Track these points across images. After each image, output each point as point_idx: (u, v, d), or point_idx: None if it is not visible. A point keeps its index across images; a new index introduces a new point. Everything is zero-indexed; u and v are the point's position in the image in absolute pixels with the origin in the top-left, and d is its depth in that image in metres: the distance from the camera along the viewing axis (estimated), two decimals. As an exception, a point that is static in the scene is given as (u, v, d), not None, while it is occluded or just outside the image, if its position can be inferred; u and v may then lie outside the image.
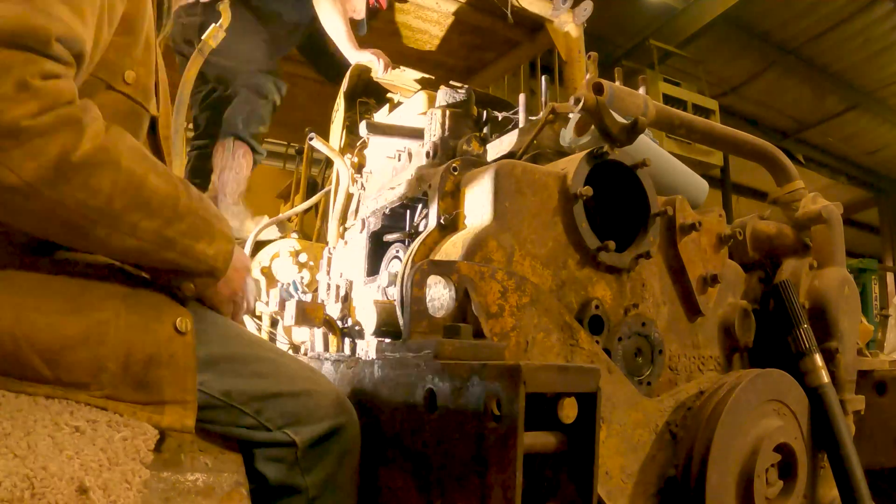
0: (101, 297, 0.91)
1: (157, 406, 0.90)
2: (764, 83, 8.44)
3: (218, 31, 2.03)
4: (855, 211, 11.54)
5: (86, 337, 0.88)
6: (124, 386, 0.89)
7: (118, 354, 0.89)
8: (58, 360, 0.86)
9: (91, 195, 0.83)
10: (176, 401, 0.91)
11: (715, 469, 1.27)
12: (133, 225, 0.88)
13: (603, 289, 1.39)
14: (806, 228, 1.75)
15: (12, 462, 0.78)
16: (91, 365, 0.88)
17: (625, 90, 1.46)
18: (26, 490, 0.76)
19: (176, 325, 0.93)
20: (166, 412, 0.91)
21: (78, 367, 0.87)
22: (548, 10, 3.23)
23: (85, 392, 0.88)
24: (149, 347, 0.91)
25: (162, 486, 0.88)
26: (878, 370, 1.86)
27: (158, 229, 0.90)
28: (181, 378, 0.92)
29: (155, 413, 0.90)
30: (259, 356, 1.02)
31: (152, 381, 0.90)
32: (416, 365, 1.01)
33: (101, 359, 0.88)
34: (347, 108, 2.80)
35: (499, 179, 1.30)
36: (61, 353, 0.86)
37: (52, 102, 0.80)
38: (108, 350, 0.88)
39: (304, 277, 2.57)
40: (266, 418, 0.98)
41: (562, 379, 0.88)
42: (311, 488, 1.00)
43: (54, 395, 0.87)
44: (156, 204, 0.90)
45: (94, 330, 0.88)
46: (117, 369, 0.89)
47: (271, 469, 0.99)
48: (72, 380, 0.87)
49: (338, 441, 1.02)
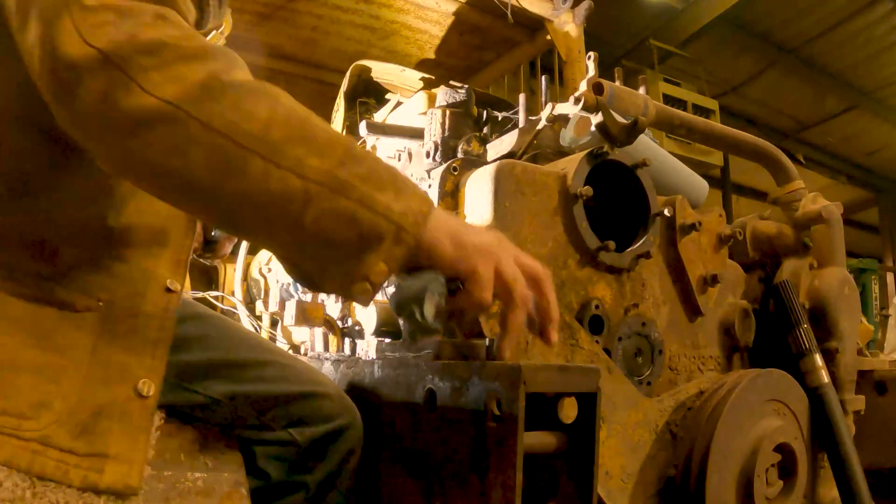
0: (69, 343, 0.79)
1: (96, 460, 0.76)
2: (764, 83, 8.43)
3: (219, 38, 2.04)
4: (855, 211, 11.53)
5: (39, 369, 0.77)
6: (64, 431, 0.75)
7: (68, 396, 0.77)
8: (1, 379, 0.74)
9: (244, 118, 0.68)
10: (121, 458, 0.78)
11: (715, 469, 1.27)
12: (298, 160, 0.69)
13: (603, 289, 1.39)
14: (806, 228, 1.74)
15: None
16: (35, 396, 0.75)
17: (625, 90, 1.46)
18: (27, 490, 0.76)
19: (137, 388, 0.81)
20: (107, 470, 0.76)
21: (19, 393, 0.75)
22: (548, 10, 3.23)
23: (17, 426, 0.73)
24: (101, 399, 0.79)
25: (162, 485, 0.88)
26: (878, 370, 1.86)
27: (330, 169, 0.71)
28: (132, 436, 0.80)
29: (92, 470, 0.76)
30: (263, 360, 1.02)
31: (99, 432, 0.77)
32: (416, 365, 1.01)
33: (48, 394, 0.76)
34: (347, 108, 2.80)
35: (499, 179, 1.30)
36: (4, 373, 0.75)
37: (191, 33, 0.71)
38: (58, 389, 0.77)
39: (304, 277, 2.56)
40: (270, 419, 0.98)
41: (562, 379, 0.88)
42: (312, 486, 1.00)
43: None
44: (323, 141, 0.72)
45: (50, 368, 0.77)
46: (62, 409, 0.76)
47: (273, 467, 1.00)
48: (6, 408, 0.74)
49: (341, 441, 1.02)
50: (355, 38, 3.60)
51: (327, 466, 1.01)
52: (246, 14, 3.33)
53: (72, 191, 0.84)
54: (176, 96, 0.66)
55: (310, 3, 3.32)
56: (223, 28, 2.14)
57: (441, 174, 1.42)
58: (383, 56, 3.49)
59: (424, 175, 1.49)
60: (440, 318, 0.78)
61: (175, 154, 0.67)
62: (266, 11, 3.38)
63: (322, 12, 3.39)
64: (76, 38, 0.64)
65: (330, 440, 1.01)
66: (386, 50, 3.64)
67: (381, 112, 2.57)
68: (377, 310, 1.33)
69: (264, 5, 3.33)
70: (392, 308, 0.80)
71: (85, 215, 0.85)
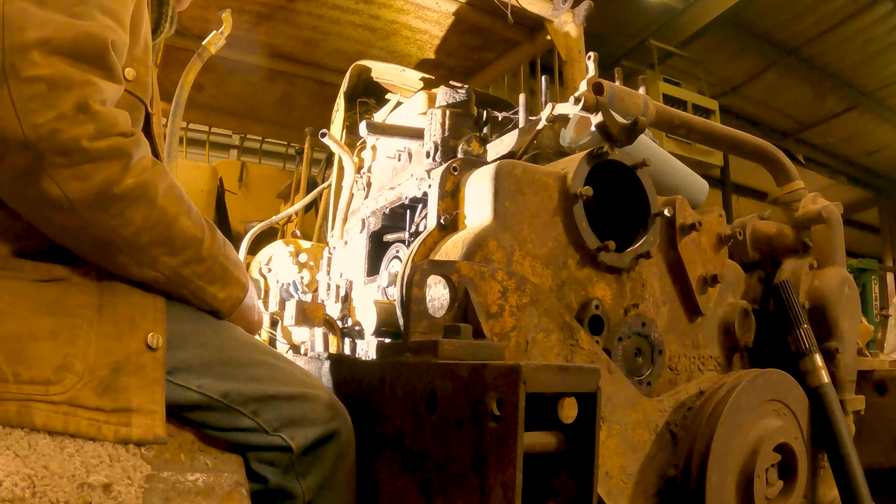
0: (77, 304, 0.90)
1: (122, 414, 0.86)
2: (764, 83, 8.43)
3: (219, 38, 2.04)
4: (855, 211, 11.53)
5: (55, 333, 0.86)
6: (88, 390, 0.85)
7: (86, 355, 0.86)
8: (20, 352, 0.83)
9: (123, 224, 0.88)
10: (144, 410, 0.87)
11: (715, 469, 1.27)
12: (154, 258, 0.92)
13: (603, 289, 1.39)
14: (806, 228, 1.75)
15: (13, 462, 0.78)
16: (56, 360, 0.84)
17: (625, 90, 1.46)
18: (27, 489, 0.76)
19: (147, 341, 0.91)
20: (134, 422, 0.86)
21: (41, 361, 0.84)
22: (548, 10, 3.23)
23: (45, 392, 0.82)
24: (116, 356, 0.88)
25: (162, 485, 0.88)
26: (878, 370, 1.86)
27: (176, 267, 0.95)
28: (149, 388, 0.89)
29: (122, 425, 0.86)
30: (255, 360, 1.03)
31: (119, 388, 0.87)
32: (416, 365, 1.01)
33: (67, 356, 0.85)
34: (347, 109, 2.81)
35: (499, 179, 1.30)
36: (25, 344, 0.84)
37: (107, 129, 0.85)
38: (76, 350, 0.86)
39: (304, 277, 2.57)
40: (264, 420, 0.98)
41: (562, 379, 0.88)
42: (306, 492, 1.00)
43: (8, 396, 0.81)
44: (180, 244, 0.94)
45: (64, 329, 0.87)
46: (83, 369, 0.85)
47: (266, 472, 0.99)
48: (32, 376, 0.83)
49: (333, 445, 1.02)
50: (355, 38, 3.60)
51: (321, 472, 1.01)
52: (246, 14, 3.34)
53: None
54: (74, 196, 0.83)
55: (310, 3, 3.32)
56: (223, 28, 2.15)
57: (441, 174, 1.42)
58: (383, 56, 3.50)
59: (424, 175, 1.49)
60: None
61: (66, 233, 0.89)
62: (266, 11, 3.38)
63: (322, 12, 3.40)
64: (11, 113, 0.79)
65: (322, 444, 1.01)
66: (386, 50, 3.64)
67: (381, 112, 2.57)
68: (377, 310, 1.33)
69: (264, 5, 3.33)
70: None
71: None
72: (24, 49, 0.80)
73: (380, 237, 1.70)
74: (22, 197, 0.86)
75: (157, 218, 0.91)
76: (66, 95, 0.81)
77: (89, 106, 0.83)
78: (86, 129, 0.82)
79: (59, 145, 0.81)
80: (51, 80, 0.81)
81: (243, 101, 4.35)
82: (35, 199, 0.84)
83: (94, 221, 0.86)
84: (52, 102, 0.80)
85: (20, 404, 0.81)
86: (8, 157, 0.81)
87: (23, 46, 0.80)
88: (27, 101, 0.79)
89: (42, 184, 0.82)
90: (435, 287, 1.15)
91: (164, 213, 0.92)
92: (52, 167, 0.81)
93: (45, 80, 0.80)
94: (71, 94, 0.81)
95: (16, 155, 0.81)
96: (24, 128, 0.79)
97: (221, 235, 1.03)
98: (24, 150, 0.80)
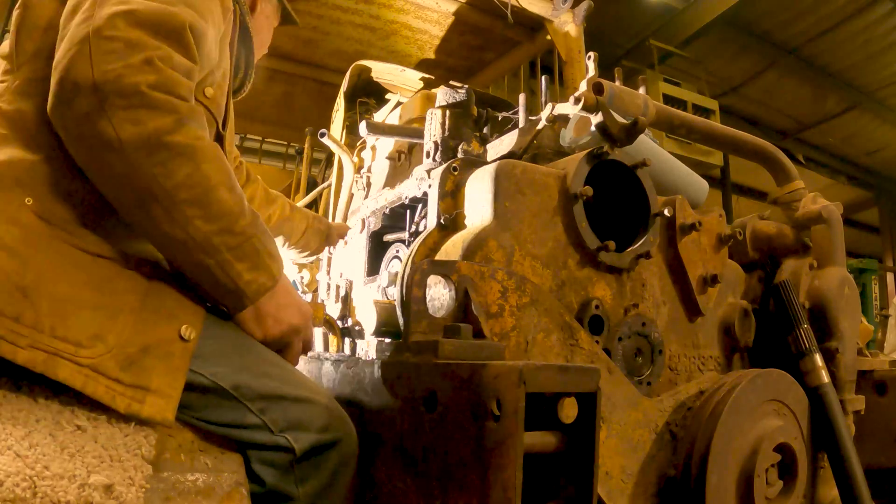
0: (124, 288, 0.95)
1: (138, 391, 0.89)
2: (764, 83, 8.43)
3: None
4: (855, 211, 11.54)
5: (98, 307, 0.91)
6: (114, 361, 0.89)
7: (121, 332, 0.91)
8: (64, 313, 0.88)
9: (164, 174, 0.91)
10: (161, 392, 0.90)
11: (715, 469, 1.27)
12: (188, 219, 0.94)
13: (603, 289, 1.39)
14: (806, 228, 1.75)
15: (14, 462, 0.78)
16: (92, 328, 0.89)
17: (625, 90, 1.46)
18: (28, 490, 0.76)
19: (181, 332, 0.95)
20: (147, 401, 0.89)
21: (80, 326, 0.88)
22: (548, 10, 3.23)
23: (74, 352, 0.87)
24: (149, 339, 0.92)
25: (162, 486, 0.88)
26: (878, 370, 1.86)
27: (209, 234, 0.95)
28: (172, 374, 0.92)
29: (135, 401, 0.89)
30: (268, 359, 1.04)
31: (144, 367, 0.90)
32: (416, 365, 1.01)
33: (103, 328, 0.90)
34: (347, 109, 2.81)
35: (499, 179, 1.30)
36: (70, 308, 0.89)
37: (168, 84, 0.92)
38: (113, 325, 0.90)
39: (304, 277, 2.57)
40: (270, 419, 0.97)
41: (562, 379, 0.88)
42: (302, 498, 1.00)
43: (41, 346, 0.85)
44: (216, 211, 0.96)
45: (108, 307, 0.92)
46: (115, 343, 0.90)
47: (266, 473, 0.99)
48: (67, 335, 0.87)
49: (334, 454, 1.02)
50: (355, 38, 3.60)
51: (320, 479, 1.00)
52: (246, 14, 3.33)
53: None
54: (125, 136, 0.89)
55: (310, 3, 3.32)
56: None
57: (441, 174, 1.42)
58: (383, 56, 3.50)
59: (424, 175, 1.50)
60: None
61: (111, 179, 0.94)
62: (266, 11, 3.37)
63: (322, 12, 3.39)
64: (87, 64, 0.88)
65: (323, 451, 1.01)
66: (386, 50, 3.64)
67: (381, 112, 2.57)
68: (377, 310, 1.33)
69: (264, 5, 3.33)
70: None
71: None
72: (111, 17, 0.90)
73: (380, 237, 1.70)
74: (79, 139, 0.91)
75: (198, 179, 0.93)
76: (138, 53, 0.90)
77: (155, 62, 0.91)
78: (147, 77, 0.90)
79: (121, 87, 0.88)
80: (128, 41, 0.90)
81: (243, 100, 4.33)
82: (90, 139, 0.90)
83: (137, 165, 0.90)
84: (124, 56, 0.89)
85: (48, 356, 0.86)
86: (76, 100, 0.88)
87: (111, 15, 0.91)
88: (104, 55, 0.89)
89: (99, 124, 0.88)
90: (435, 287, 1.15)
91: (207, 177, 0.94)
92: (112, 108, 0.88)
93: (122, 40, 0.90)
94: (143, 52, 0.90)
95: (83, 98, 0.88)
96: (94, 74, 0.88)
97: (264, 225, 1.03)
98: (92, 93, 0.87)
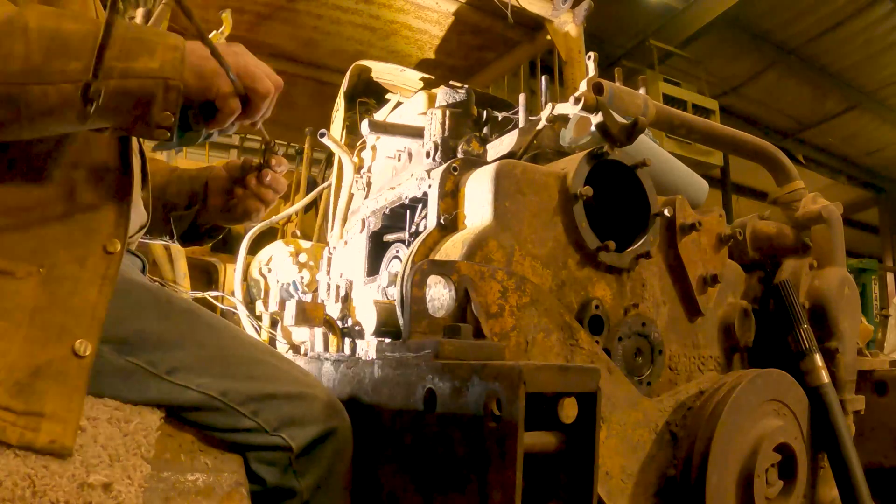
0: (9, 307, 0.85)
1: (31, 419, 0.81)
2: (764, 83, 8.43)
3: (219, 38, 2.04)
4: (855, 211, 11.54)
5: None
6: (2, 388, 0.81)
7: (6, 356, 0.83)
8: None
9: (5, 61, 0.81)
10: (56, 417, 0.82)
11: (715, 469, 1.27)
12: (62, 71, 0.82)
13: (603, 289, 1.39)
14: (806, 228, 1.74)
15: (13, 461, 0.78)
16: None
17: (625, 90, 1.46)
18: (27, 489, 0.76)
19: (74, 348, 0.86)
20: (43, 428, 0.81)
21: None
22: (548, 10, 3.23)
23: None
24: (38, 360, 0.84)
25: (162, 486, 0.88)
26: (878, 370, 1.86)
27: (89, 64, 0.82)
28: (68, 396, 0.84)
29: (27, 429, 0.81)
30: (254, 358, 1.03)
31: (35, 391, 0.83)
32: (416, 365, 1.01)
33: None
34: (347, 109, 2.81)
35: (499, 179, 1.30)
36: None
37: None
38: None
39: (304, 277, 2.57)
40: (263, 420, 0.98)
41: (562, 379, 0.88)
42: (305, 491, 1.00)
43: None
44: (76, 44, 0.83)
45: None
46: (1, 368, 0.82)
47: (266, 472, 0.99)
48: None
49: (330, 444, 1.02)
50: (355, 38, 3.60)
51: (319, 470, 1.01)
52: (246, 14, 3.33)
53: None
54: None
55: (310, 3, 3.32)
56: (223, 28, 2.15)
57: (441, 174, 1.42)
58: (383, 56, 3.50)
59: (424, 175, 1.49)
60: None
61: None
62: (266, 11, 3.38)
63: (322, 12, 3.39)
64: None
65: (320, 443, 1.01)
66: (386, 50, 3.64)
67: (381, 112, 2.57)
68: (377, 310, 1.32)
69: (264, 5, 3.33)
70: None
71: (14, 187, 0.91)
72: None
73: (380, 237, 1.70)
74: None
75: (37, 37, 0.82)
76: None
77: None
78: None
79: None
80: None
81: (243, 101, 4.34)
82: None
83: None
84: None
85: None
86: None
87: None
88: None
89: None
90: (435, 287, 1.15)
91: (42, 29, 0.83)
92: None
93: None
94: None
95: None
96: None
97: (126, 21, 0.91)
98: None
